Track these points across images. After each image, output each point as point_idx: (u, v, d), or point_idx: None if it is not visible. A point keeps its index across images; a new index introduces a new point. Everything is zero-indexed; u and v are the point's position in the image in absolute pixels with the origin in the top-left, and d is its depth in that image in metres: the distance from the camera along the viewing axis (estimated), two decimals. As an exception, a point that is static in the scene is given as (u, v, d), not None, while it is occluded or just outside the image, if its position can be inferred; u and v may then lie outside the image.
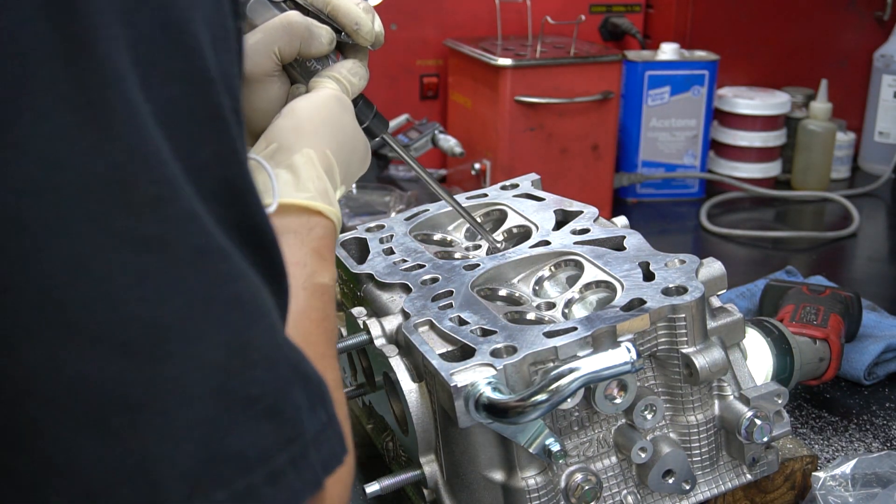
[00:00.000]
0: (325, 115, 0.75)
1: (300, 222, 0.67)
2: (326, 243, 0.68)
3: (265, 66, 0.78)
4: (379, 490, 0.76)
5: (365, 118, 0.84)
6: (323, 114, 0.75)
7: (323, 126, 0.74)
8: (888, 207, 1.83)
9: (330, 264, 0.68)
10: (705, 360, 0.74)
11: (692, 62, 1.74)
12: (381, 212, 1.52)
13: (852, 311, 1.11)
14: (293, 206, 0.67)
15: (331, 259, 0.68)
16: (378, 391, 0.84)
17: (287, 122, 0.73)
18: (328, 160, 0.72)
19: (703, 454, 0.77)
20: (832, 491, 0.80)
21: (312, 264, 0.65)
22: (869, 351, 1.09)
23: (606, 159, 1.67)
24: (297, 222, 0.67)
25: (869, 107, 1.96)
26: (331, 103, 0.76)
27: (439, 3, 1.78)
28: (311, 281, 0.65)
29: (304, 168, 0.70)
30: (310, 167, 0.70)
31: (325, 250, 0.67)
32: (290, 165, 0.70)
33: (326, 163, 0.72)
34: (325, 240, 0.68)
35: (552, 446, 0.68)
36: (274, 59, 0.78)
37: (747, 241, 1.63)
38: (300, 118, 0.73)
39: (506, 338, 0.71)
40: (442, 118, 1.82)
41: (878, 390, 1.08)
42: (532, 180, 1.03)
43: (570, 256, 0.85)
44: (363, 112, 0.84)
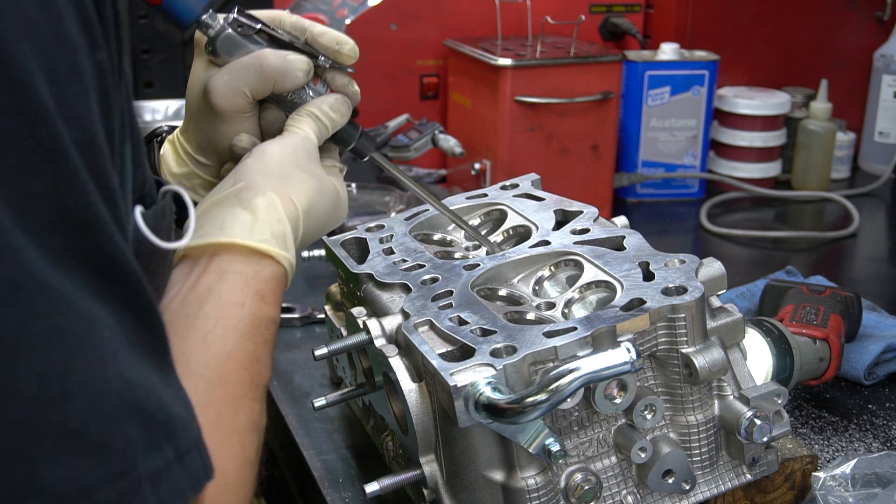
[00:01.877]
0: (293, 161, 0.75)
1: (248, 263, 0.67)
2: (272, 287, 0.68)
3: (236, 105, 0.78)
4: (379, 490, 0.76)
5: (351, 140, 0.84)
6: (292, 160, 0.75)
7: (290, 172, 0.74)
8: (888, 207, 1.83)
9: (273, 308, 0.68)
10: (705, 360, 0.74)
11: (692, 62, 1.74)
12: (381, 212, 1.52)
13: (852, 311, 1.11)
14: (244, 247, 0.68)
15: (274, 303, 0.68)
16: (378, 391, 0.84)
17: (256, 163, 0.74)
18: (293, 207, 0.72)
19: (703, 454, 0.77)
20: (832, 491, 0.80)
21: (251, 306, 0.65)
22: (869, 351, 1.09)
23: (606, 159, 1.67)
24: (245, 263, 0.67)
25: (869, 107, 1.96)
26: (300, 151, 0.76)
27: (439, 3, 1.78)
28: (245, 322, 0.64)
29: (265, 211, 0.70)
30: (270, 211, 0.70)
31: (269, 293, 0.67)
32: (250, 206, 0.70)
33: (290, 209, 0.72)
34: (272, 283, 0.68)
35: (552, 446, 0.68)
36: (245, 98, 0.78)
37: (747, 241, 1.62)
38: (269, 162, 0.74)
39: (506, 338, 0.71)
40: (442, 118, 1.82)
41: (878, 390, 1.08)
42: (532, 180, 1.03)
43: (569, 256, 0.85)
44: (349, 134, 0.84)
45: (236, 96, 0.78)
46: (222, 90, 0.77)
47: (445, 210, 0.91)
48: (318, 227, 0.77)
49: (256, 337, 0.65)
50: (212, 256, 0.67)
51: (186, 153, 0.84)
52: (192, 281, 0.66)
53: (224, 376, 0.61)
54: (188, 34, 2.07)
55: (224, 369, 0.61)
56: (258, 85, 0.77)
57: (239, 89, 0.77)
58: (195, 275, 0.66)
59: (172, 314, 0.64)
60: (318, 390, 1.07)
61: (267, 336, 0.66)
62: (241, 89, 0.77)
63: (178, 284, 0.66)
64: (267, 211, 0.70)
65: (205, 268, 0.66)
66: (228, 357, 0.62)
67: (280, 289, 0.69)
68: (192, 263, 0.67)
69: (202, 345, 0.61)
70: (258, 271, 0.67)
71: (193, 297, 0.64)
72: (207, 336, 0.62)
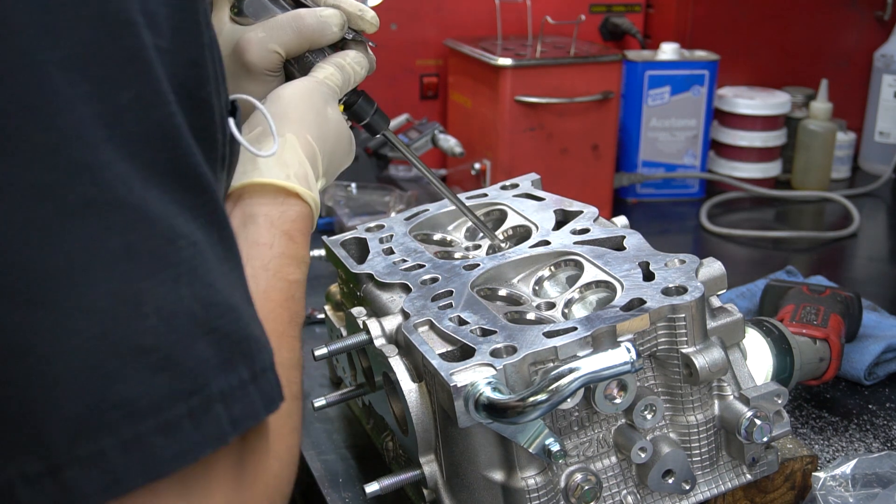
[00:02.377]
0: (309, 103, 0.75)
1: (274, 203, 0.68)
2: (299, 226, 0.68)
3: (269, 63, 0.78)
4: (379, 490, 0.76)
5: (365, 115, 0.84)
6: (308, 102, 0.75)
7: (307, 114, 0.74)
8: (888, 207, 1.83)
9: (301, 248, 0.68)
10: (705, 360, 0.74)
11: (692, 62, 1.74)
12: (381, 212, 1.52)
13: (852, 311, 1.11)
14: (269, 185, 0.68)
15: (302, 242, 0.68)
16: (378, 391, 0.84)
17: (272, 107, 0.74)
18: (311, 147, 0.73)
19: (703, 454, 0.77)
20: (832, 491, 0.80)
21: (280, 246, 0.66)
22: (869, 351, 1.09)
23: (606, 159, 1.67)
24: (271, 204, 0.68)
25: (869, 107, 1.96)
26: (316, 94, 0.76)
27: (439, 3, 1.78)
28: (275, 262, 0.65)
29: (285, 152, 0.70)
30: (291, 151, 0.71)
31: (296, 233, 0.68)
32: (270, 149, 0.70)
33: (309, 149, 0.72)
34: (298, 223, 0.68)
35: (552, 446, 0.68)
36: (279, 57, 0.78)
37: (747, 241, 1.62)
38: (285, 105, 0.74)
39: (506, 338, 0.71)
40: (442, 118, 1.82)
41: (878, 390, 1.08)
42: (532, 180, 1.03)
43: (570, 256, 0.85)
44: (363, 109, 0.84)
45: (271, 54, 0.78)
46: (257, 47, 0.78)
47: (452, 196, 0.90)
48: (334, 168, 0.78)
49: (288, 276, 0.65)
50: (237, 200, 0.68)
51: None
52: None
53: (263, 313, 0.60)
54: None
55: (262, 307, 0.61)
56: (294, 44, 0.78)
57: (274, 47, 0.78)
58: None
59: None
60: (318, 390, 1.07)
61: (298, 276, 0.66)
62: (276, 48, 0.78)
63: None
64: (287, 151, 0.71)
65: (230, 211, 0.67)
66: (264, 296, 0.62)
67: (307, 228, 0.70)
68: None
69: None
70: (283, 212, 0.68)
71: None
72: None
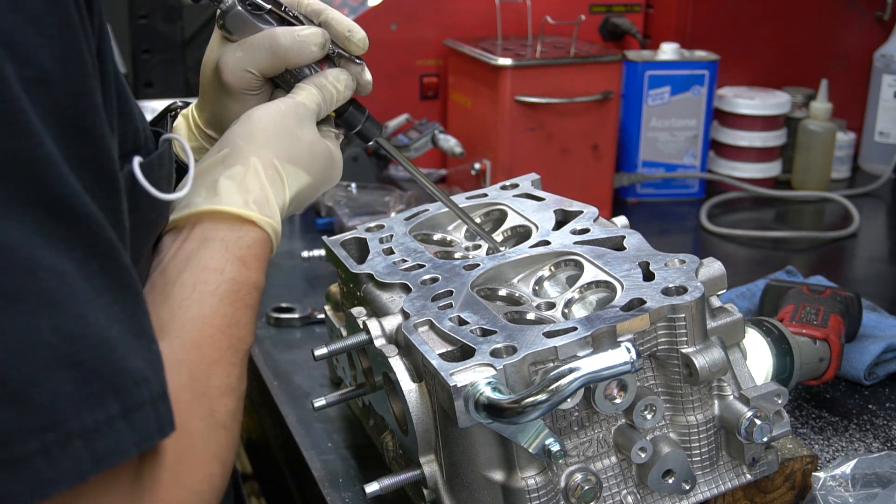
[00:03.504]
0: (280, 125, 0.74)
1: (230, 230, 0.68)
2: (254, 252, 0.68)
3: (246, 83, 0.78)
4: (379, 490, 0.76)
5: (357, 122, 0.84)
6: (278, 124, 0.74)
7: (275, 136, 0.74)
8: (888, 207, 1.83)
9: (255, 273, 0.68)
10: (705, 360, 0.74)
11: (692, 62, 1.74)
12: (381, 212, 1.52)
13: (852, 311, 1.11)
14: (225, 213, 0.68)
15: (257, 268, 0.68)
16: (378, 391, 0.84)
17: (240, 128, 0.74)
18: (275, 169, 0.72)
19: (703, 454, 0.77)
20: (832, 491, 0.80)
21: (231, 271, 0.66)
22: (869, 351, 1.09)
23: (606, 159, 1.67)
24: (227, 230, 0.68)
25: (869, 107, 1.96)
26: (289, 115, 0.75)
27: (439, 3, 1.78)
28: (224, 287, 0.65)
29: (247, 176, 0.70)
30: (252, 176, 0.71)
31: (251, 259, 0.68)
32: (232, 174, 0.70)
33: (272, 173, 0.72)
34: (254, 248, 0.68)
35: (552, 446, 0.68)
36: (255, 77, 0.78)
37: (747, 241, 1.62)
38: (254, 126, 0.74)
39: (506, 338, 0.71)
40: (442, 118, 1.82)
41: (878, 390, 1.08)
42: (532, 180, 1.03)
43: (570, 256, 0.85)
44: (354, 117, 0.84)
45: (246, 74, 0.78)
46: (232, 67, 0.78)
47: (447, 201, 0.90)
48: (309, 190, 0.77)
49: (236, 301, 0.65)
50: (195, 225, 0.68)
51: (198, 127, 0.85)
52: (175, 249, 0.67)
53: (199, 339, 0.61)
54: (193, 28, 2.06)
55: (200, 332, 0.62)
56: (268, 64, 0.77)
57: (249, 67, 0.77)
58: (178, 243, 0.67)
59: (153, 283, 0.65)
60: (318, 390, 1.07)
61: (248, 301, 0.67)
62: (251, 68, 0.78)
63: (162, 253, 0.67)
64: (249, 176, 0.71)
65: (187, 236, 0.68)
66: (204, 321, 0.62)
67: (264, 254, 0.70)
68: (177, 232, 0.68)
69: (178, 310, 0.62)
70: (240, 237, 0.68)
71: (174, 265, 0.65)
72: (184, 302, 0.63)
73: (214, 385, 0.60)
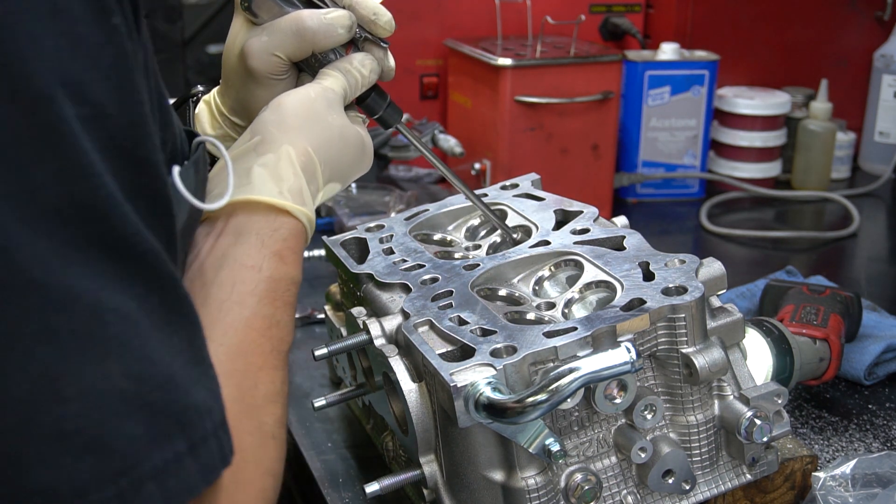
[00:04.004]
0: (310, 111, 0.73)
1: (265, 221, 0.66)
2: (290, 245, 0.66)
3: (272, 67, 0.77)
4: (379, 490, 0.76)
5: (378, 108, 0.83)
6: (308, 110, 0.73)
7: (307, 122, 0.72)
8: (888, 207, 1.83)
9: (292, 268, 0.66)
10: (705, 360, 0.74)
11: (692, 62, 1.74)
12: (381, 212, 1.52)
13: (852, 311, 1.11)
14: (260, 203, 0.66)
15: (294, 262, 0.66)
16: (378, 391, 0.84)
17: (271, 115, 0.72)
18: (309, 157, 0.71)
19: (703, 454, 0.77)
20: (832, 491, 0.80)
21: (269, 269, 0.64)
22: (869, 351, 1.09)
23: (606, 159, 1.67)
24: (262, 221, 0.66)
25: (869, 107, 1.96)
26: (318, 101, 0.74)
27: (439, 3, 1.78)
28: (262, 286, 0.63)
29: (280, 165, 0.69)
30: (286, 165, 0.69)
31: (287, 253, 0.66)
32: (265, 162, 0.69)
33: (306, 160, 0.70)
34: (290, 241, 0.67)
35: (552, 446, 0.68)
36: (281, 61, 0.77)
37: (747, 241, 1.62)
38: (284, 113, 0.72)
39: (506, 338, 0.71)
40: (442, 118, 1.82)
41: (878, 390, 1.08)
42: (532, 180, 1.03)
43: (570, 256, 0.85)
44: (376, 103, 0.82)
45: (272, 58, 0.76)
46: (258, 52, 0.76)
47: (465, 188, 0.90)
48: (342, 176, 0.75)
49: (275, 300, 0.63)
50: (229, 217, 0.66)
51: (221, 114, 0.83)
52: (209, 245, 0.64)
53: (243, 345, 0.59)
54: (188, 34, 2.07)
55: (243, 338, 0.60)
56: (295, 47, 0.76)
57: (275, 51, 0.76)
58: (212, 238, 0.65)
59: (190, 282, 0.62)
60: (318, 390, 1.07)
61: (287, 298, 0.64)
62: (277, 52, 0.76)
63: (196, 248, 0.65)
64: (282, 164, 0.69)
65: (222, 230, 0.65)
66: (246, 324, 0.60)
67: (299, 246, 0.68)
68: (211, 224, 0.66)
69: (219, 313, 0.59)
70: (275, 230, 0.66)
71: (209, 263, 0.63)
72: (224, 304, 0.60)
73: (261, 394, 0.59)
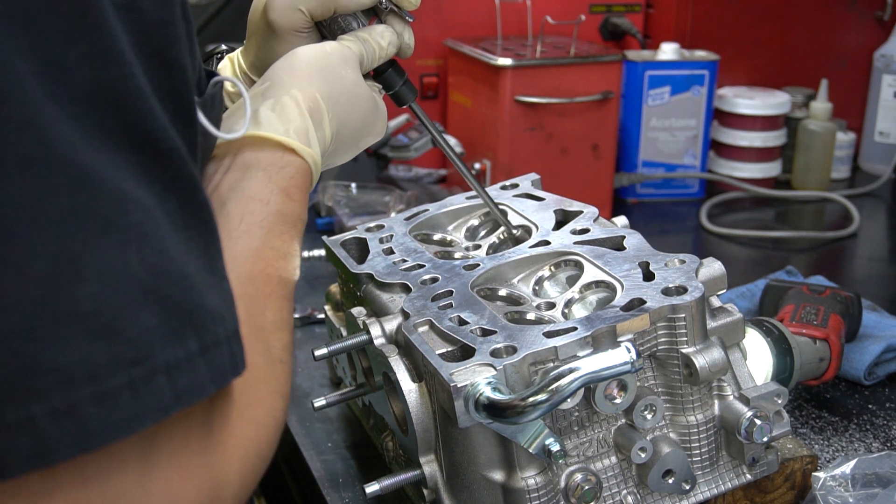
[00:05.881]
0: (323, 63, 0.74)
1: (272, 158, 0.67)
2: (297, 183, 0.68)
3: (293, 22, 0.78)
4: (379, 490, 0.76)
5: (395, 84, 0.84)
6: (322, 62, 0.74)
7: (318, 72, 0.73)
8: (888, 207, 1.83)
9: (298, 205, 0.67)
10: (705, 360, 0.74)
11: (692, 62, 1.74)
12: (381, 212, 1.52)
13: (852, 311, 1.11)
14: (267, 139, 0.68)
15: (300, 199, 0.68)
16: (378, 391, 0.84)
17: (284, 63, 0.74)
18: (317, 103, 0.72)
19: (703, 454, 0.77)
20: (832, 491, 0.80)
21: (276, 203, 0.65)
22: (869, 351, 1.09)
23: (606, 159, 1.67)
24: (269, 158, 0.67)
25: (869, 107, 1.96)
26: (333, 54, 0.75)
27: (439, 3, 1.78)
28: (270, 219, 0.64)
29: (288, 106, 0.70)
30: (293, 106, 0.70)
31: (294, 190, 0.67)
32: (274, 103, 0.70)
33: (313, 105, 0.72)
34: (296, 179, 0.68)
35: (552, 446, 0.68)
36: (302, 16, 0.78)
37: (747, 241, 1.62)
38: (297, 62, 0.73)
39: (506, 338, 0.71)
40: (442, 118, 1.82)
41: (878, 390, 1.08)
42: (532, 180, 1.03)
43: (570, 256, 0.85)
44: (393, 78, 0.83)
45: (294, 13, 0.77)
46: (282, 6, 0.77)
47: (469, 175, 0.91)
48: (352, 133, 0.76)
49: (283, 234, 0.64)
50: (236, 153, 0.67)
51: (242, 71, 0.84)
52: (217, 180, 0.66)
53: (252, 273, 0.60)
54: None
55: (252, 266, 0.61)
56: (318, 2, 0.77)
57: (299, 6, 0.77)
58: (220, 173, 0.66)
59: None
60: (318, 390, 1.07)
61: (293, 233, 0.66)
62: (301, 6, 0.77)
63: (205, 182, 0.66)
64: (289, 107, 0.70)
65: (230, 165, 0.67)
66: (255, 253, 0.61)
67: (305, 185, 0.69)
68: (218, 161, 0.67)
69: (228, 241, 0.60)
70: (282, 167, 0.67)
71: (217, 196, 0.64)
72: (233, 233, 0.61)
73: (269, 320, 0.60)
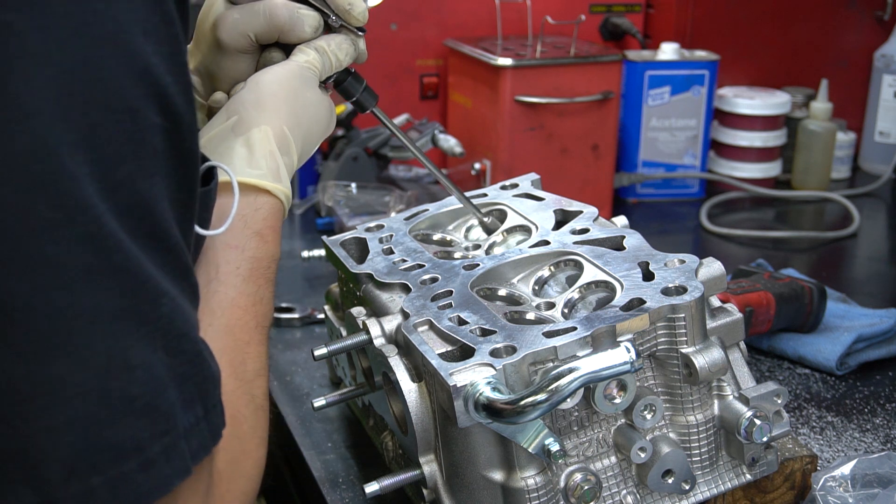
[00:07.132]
0: (286, 90, 0.75)
1: (246, 202, 0.69)
2: (270, 224, 0.70)
3: (239, 45, 0.79)
4: (378, 490, 0.76)
5: (354, 92, 0.85)
6: (285, 89, 0.75)
7: (284, 103, 0.75)
8: (888, 207, 1.83)
9: (272, 246, 0.70)
10: (705, 360, 0.74)
11: (692, 62, 1.74)
12: (381, 212, 1.52)
13: (803, 299, 1.12)
14: (242, 183, 0.69)
15: (273, 240, 0.70)
16: (378, 391, 0.84)
17: (249, 95, 0.74)
18: (284, 137, 0.73)
19: (703, 454, 0.77)
20: (832, 491, 0.80)
21: (251, 249, 0.67)
22: (841, 341, 1.11)
23: (606, 159, 1.67)
24: (244, 202, 0.69)
25: (869, 107, 1.96)
26: (294, 80, 0.76)
27: (439, 3, 1.78)
28: (246, 265, 0.66)
29: (259, 145, 0.71)
30: (264, 144, 0.72)
31: (268, 231, 0.69)
32: (246, 141, 0.71)
33: (282, 139, 0.73)
34: (269, 220, 0.70)
35: (551, 446, 0.68)
36: (249, 41, 0.79)
37: (747, 241, 1.62)
38: (262, 93, 0.74)
39: (505, 338, 0.71)
40: (442, 118, 1.82)
41: (877, 391, 1.08)
42: (532, 180, 1.03)
43: (569, 256, 0.85)
44: (353, 86, 0.85)
45: (241, 37, 0.79)
46: (229, 28, 0.79)
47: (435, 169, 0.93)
48: (312, 144, 0.79)
49: (258, 278, 0.67)
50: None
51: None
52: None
53: (230, 323, 0.64)
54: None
55: (230, 316, 0.64)
56: (263, 32, 0.78)
57: (245, 32, 0.78)
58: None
59: None
60: (318, 390, 1.07)
61: (268, 276, 0.69)
62: (247, 32, 0.78)
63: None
64: (261, 145, 0.72)
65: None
66: (232, 303, 0.64)
67: (278, 224, 0.71)
68: None
69: (206, 293, 0.63)
70: (256, 209, 0.69)
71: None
72: (210, 284, 0.64)
73: (250, 369, 0.63)
